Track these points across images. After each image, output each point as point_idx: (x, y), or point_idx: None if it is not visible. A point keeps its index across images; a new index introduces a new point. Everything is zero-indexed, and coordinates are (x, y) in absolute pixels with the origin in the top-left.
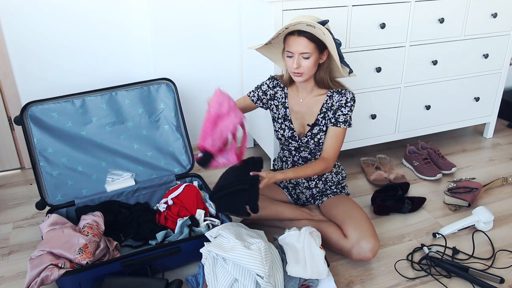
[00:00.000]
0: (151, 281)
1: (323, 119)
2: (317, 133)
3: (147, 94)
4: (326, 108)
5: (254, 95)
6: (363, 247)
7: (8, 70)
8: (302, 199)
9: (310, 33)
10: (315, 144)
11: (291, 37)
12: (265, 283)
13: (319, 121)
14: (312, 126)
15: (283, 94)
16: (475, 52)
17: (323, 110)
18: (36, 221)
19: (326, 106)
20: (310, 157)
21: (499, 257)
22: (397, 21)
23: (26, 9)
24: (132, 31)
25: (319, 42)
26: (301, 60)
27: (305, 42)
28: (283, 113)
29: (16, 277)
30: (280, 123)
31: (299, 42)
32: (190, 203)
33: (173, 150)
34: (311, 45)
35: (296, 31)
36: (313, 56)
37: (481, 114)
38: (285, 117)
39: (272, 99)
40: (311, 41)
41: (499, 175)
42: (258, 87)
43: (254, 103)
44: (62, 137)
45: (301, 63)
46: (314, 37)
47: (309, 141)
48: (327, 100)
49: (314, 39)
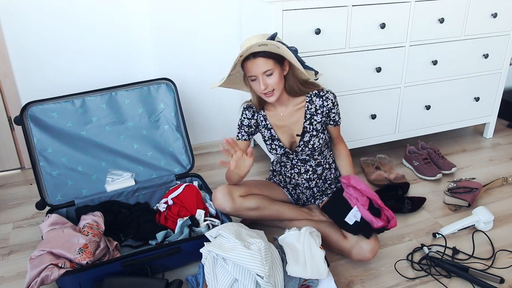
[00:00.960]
0: (151, 281)
1: (310, 125)
2: (309, 140)
3: (147, 94)
4: (310, 114)
5: (243, 134)
6: (363, 247)
7: (8, 70)
8: (302, 199)
9: (264, 51)
10: (310, 150)
11: (248, 62)
12: (265, 283)
13: (307, 128)
14: (302, 135)
15: (262, 117)
16: (475, 52)
17: (307, 117)
18: (36, 221)
19: (309, 112)
20: (308, 158)
21: (499, 257)
22: (397, 21)
23: (26, 9)
24: (132, 31)
25: (276, 56)
26: (266, 79)
27: (263, 61)
28: (269, 134)
29: (16, 277)
30: (269, 144)
31: (257, 63)
32: (190, 203)
33: (173, 150)
34: (270, 61)
35: (250, 55)
36: (275, 71)
37: (481, 114)
38: (273, 138)
39: (257, 126)
40: (268, 58)
41: (499, 175)
42: (240, 125)
43: (248, 140)
44: (62, 137)
45: (267, 82)
46: (269, 54)
47: (304, 149)
48: (308, 106)
49: (270, 55)
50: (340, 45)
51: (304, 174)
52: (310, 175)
